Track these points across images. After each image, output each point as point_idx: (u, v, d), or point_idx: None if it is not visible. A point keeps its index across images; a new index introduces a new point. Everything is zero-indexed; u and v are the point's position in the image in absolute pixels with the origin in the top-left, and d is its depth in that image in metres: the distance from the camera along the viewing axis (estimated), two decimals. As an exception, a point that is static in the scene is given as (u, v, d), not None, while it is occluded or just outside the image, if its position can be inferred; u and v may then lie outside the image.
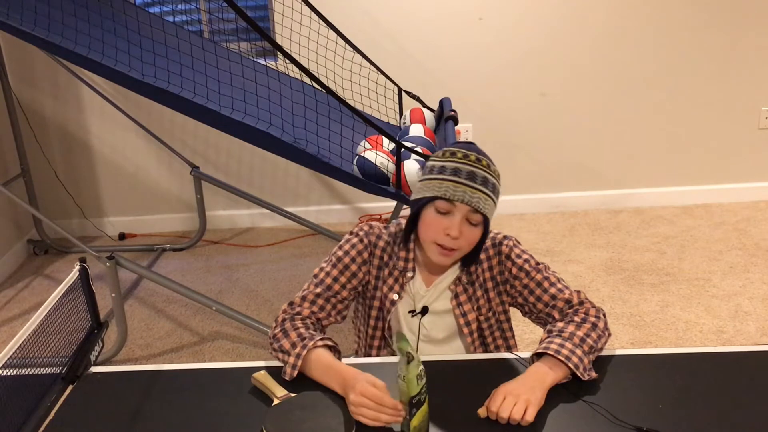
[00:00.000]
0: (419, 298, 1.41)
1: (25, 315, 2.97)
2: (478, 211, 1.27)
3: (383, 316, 1.43)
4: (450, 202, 1.27)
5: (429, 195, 1.29)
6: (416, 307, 1.41)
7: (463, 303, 1.40)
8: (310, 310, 1.34)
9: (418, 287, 1.41)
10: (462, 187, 1.26)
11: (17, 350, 1.09)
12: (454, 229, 1.27)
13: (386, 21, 3.44)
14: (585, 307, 1.32)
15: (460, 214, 1.27)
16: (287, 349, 1.24)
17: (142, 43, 2.45)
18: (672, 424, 1.08)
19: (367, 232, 1.41)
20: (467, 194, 1.25)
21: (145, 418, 1.15)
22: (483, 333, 1.43)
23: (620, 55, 3.54)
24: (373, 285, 1.42)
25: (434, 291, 1.40)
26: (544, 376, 1.17)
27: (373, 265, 1.41)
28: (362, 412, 1.08)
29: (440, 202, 1.28)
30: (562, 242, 3.43)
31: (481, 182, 1.27)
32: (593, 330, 1.26)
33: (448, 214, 1.28)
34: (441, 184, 1.28)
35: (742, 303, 2.75)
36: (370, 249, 1.40)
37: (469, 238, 1.30)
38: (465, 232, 1.28)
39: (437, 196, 1.27)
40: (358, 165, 2.24)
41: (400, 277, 1.40)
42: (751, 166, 3.80)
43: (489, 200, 1.28)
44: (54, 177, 3.70)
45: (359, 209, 3.85)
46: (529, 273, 1.37)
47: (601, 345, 1.27)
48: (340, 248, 1.40)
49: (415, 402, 1.05)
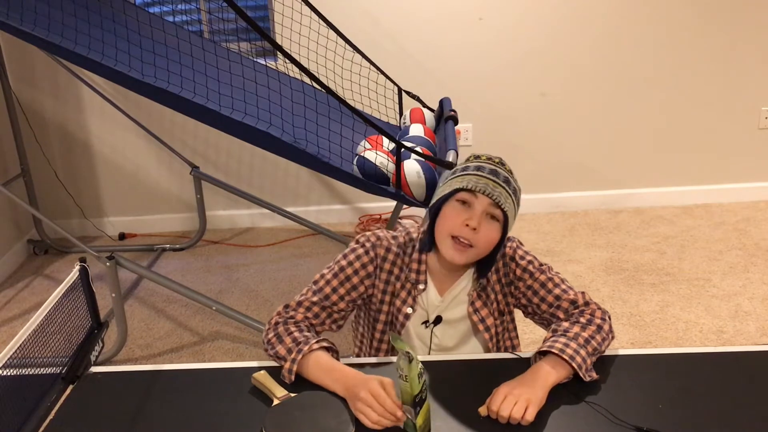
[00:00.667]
0: (433, 308, 1.39)
1: (25, 315, 2.97)
2: (499, 207, 1.25)
3: (396, 329, 1.40)
4: (471, 193, 1.26)
5: (450, 190, 1.28)
6: (429, 317, 1.39)
7: (479, 309, 1.38)
8: (305, 315, 1.33)
9: (433, 298, 1.38)
10: (484, 179, 1.26)
11: (17, 350, 1.09)
12: (474, 219, 1.25)
13: (386, 21, 3.44)
14: (591, 308, 1.32)
15: (481, 206, 1.26)
16: (283, 355, 1.23)
17: (142, 43, 2.45)
18: (672, 424, 1.08)
19: (374, 243, 1.37)
20: (489, 186, 1.25)
21: (145, 418, 1.15)
22: (499, 336, 1.43)
23: (620, 55, 3.54)
24: (379, 299, 1.39)
25: (448, 299, 1.39)
26: (546, 375, 1.17)
27: (380, 279, 1.37)
28: (367, 412, 1.08)
29: (462, 193, 1.27)
30: (562, 242, 3.43)
31: (504, 180, 1.27)
32: (598, 332, 1.26)
33: (469, 206, 1.27)
34: (462, 178, 1.28)
35: (742, 303, 2.75)
36: (377, 263, 1.37)
37: (487, 235, 1.27)
38: (484, 226, 1.26)
39: (459, 188, 1.27)
40: (358, 165, 2.24)
41: (412, 289, 1.37)
42: (751, 166, 3.80)
43: (510, 199, 1.27)
44: (54, 177, 3.70)
45: (359, 209, 3.85)
46: (533, 274, 1.37)
47: (605, 347, 1.27)
48: (345, 257, 1.37)
49: (418, 400, 1.05)
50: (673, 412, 1.11)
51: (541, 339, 2.55)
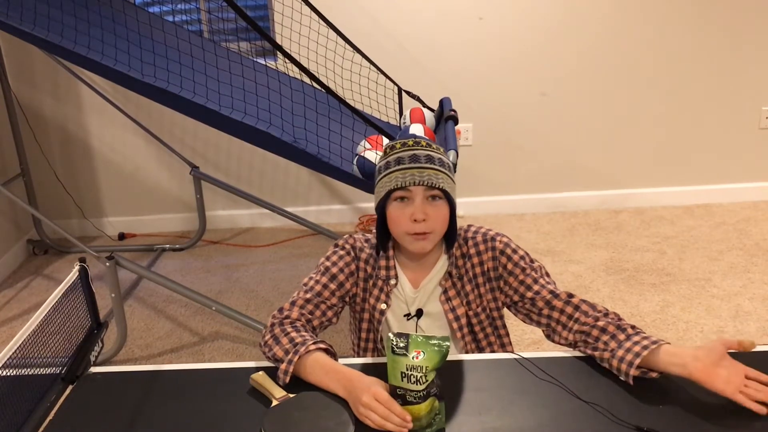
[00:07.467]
0: (411, 301, 1.41)
1: (24, 315, 2.97)
2: (434, 187, 1.28)
3: (374, 327, 1.44)
4: (404, 189, 1.29)
5: (383, 193, 1.32)
6: (410, 310, 1.41)
7: (452, 298, 1.40)
8: (300, 313, 1.34)
9: (408, 291, 1.41)
10: (409, 171, 1.29)
11: (17, 350, 1.09)
12: (417, 212, 1.29)
13: (386, 21, 3.44)
14: (607, 311, 1.31)
15: (419, 196, 1.29)
16: (281, 357, 1.23)
17: (142, 43, 2.45)
18: (672, 424, 1.08)
19: (352, 245, 1.43)
20: (416, 175, 1.28)
21: (144, 418, 1.15)
22: (473, 329, 1.42)
23: (620, 55, 3.54)
24: (361, 297, 1.43)
25: (423, 292, 1.40)
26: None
27: (360, 278, 1.42)
28: (371, 415, 1.08)
29: (396, 193, 1.30)
30: (562, 242, 3.43)
31: (426, 160, 1.30)
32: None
33: (408, 202, 1.30)
34: (390, 177, 1.31)
35: (743, 303, 2.75)
36: (356, 263, 1.42)
37: (438, 216, 1.31)
38: (430, 211, 1.30)
39: (390, 189, 1.30)
40: (358, 165, 2.24)
41: (384, 286, 1.41)
42: (752, 166, 3.80)
43: (440, 174, 1.30)
44: (54, 177, 3.70)
45: (359, 209, 3.84)
46: (525, 269, 1.37)
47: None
48: (328, 259, 1.42)
49: (400, 393, 1.07)
50: (673, 412, 1.11)
51: (541, 339, 2.55)
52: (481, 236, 1.40)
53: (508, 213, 3.85)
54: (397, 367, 1.07)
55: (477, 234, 1.41)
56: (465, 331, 1.42)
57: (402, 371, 1.06)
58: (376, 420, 1.07)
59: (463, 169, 3.75)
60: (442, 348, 1.07)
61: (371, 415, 1.08)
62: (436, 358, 1.06)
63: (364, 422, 1.09)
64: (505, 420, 1.11)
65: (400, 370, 1.06)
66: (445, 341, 1.08)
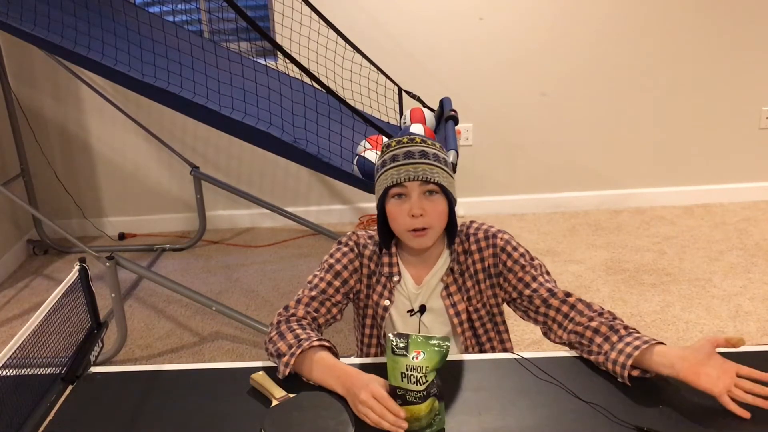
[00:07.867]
0: (414, 297, 1.42)
1: (24, 315, 2.97)
2: (429, 182, 1.29)
3: (377, 323, 1.45)
4: (400, 186, 1.30)
5: (381, 190, 1.33)
6: (414, 306, 1.42)
7: (453, 293, 1.41)
8: (305, 311, 1.35)
9: (411, 287, 1.42)
10: (404, 167, 1.30)
11: (17, 350, 1.09)
12: (414, 207, 1.30)
13: (386, 21, 3.44)
14: (602, 310, 1.31)
15: (415, 192, 1.30)
16: (284, 351, 1.24)
17: (142, 43, 2.45)
18: (672, 424, 1.08)
19: (356, 242, 1.44)
20: (410, 171, 1.29)
21: (144, 419, 1.15)
22: (474, 324, 1.43)
23: (620, 55, 3.54)
24: (364, 294, 1.44)
25: (426, 288, 1.42)
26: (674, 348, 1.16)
27: (363, 274, 1.43)
28: (368, 413, 1.08)
29: (392, 190, 1.32)
30: (562, 242, 3.43)
31: (420, 155, 1.31)
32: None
33: (405, 198, 1.32)
34: (386, 175, 1.32)
35: (743, 303, 2.75)
36: (360, 259, 1.43)
37: (435, 210, 1.32)
38: (427, 206, 1.31)
39: (386, 187, 1.31)
40: (358, 165, 2.24)
41: (387, 282, 1.42)
42: (752, 166, 3.80)
43: (435, 168, 1.31)
44: (54, 177, 3.70)
45: (359, 209, 3.84)
46: (525, 267, 1.37)
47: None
48: (332, 256, 1.43)
49: (400, 393, 1.06)
50: (673, 412, 1.11)
51: (542, 339, 2.55)
52: (483, 233, 1.41)
53: (509, 213, 3.85)
54: (397, 368, 1.07)
55: (479, 230, 1.41)
56: (465, 326, 1.43)
57: (402, 371, 1.06)
58: (373, 417, 1.08)
59: (464, 169, 3.75)
60: (442, 348, 1.07)
61: (368, 412, 1.08)
62: (436, 359, 1.06)
63: (362, 419, 1.09)
64: (505, 420, 1.11)
65: (400, 370, 1.06)
66: (444, 341, 1.08)
